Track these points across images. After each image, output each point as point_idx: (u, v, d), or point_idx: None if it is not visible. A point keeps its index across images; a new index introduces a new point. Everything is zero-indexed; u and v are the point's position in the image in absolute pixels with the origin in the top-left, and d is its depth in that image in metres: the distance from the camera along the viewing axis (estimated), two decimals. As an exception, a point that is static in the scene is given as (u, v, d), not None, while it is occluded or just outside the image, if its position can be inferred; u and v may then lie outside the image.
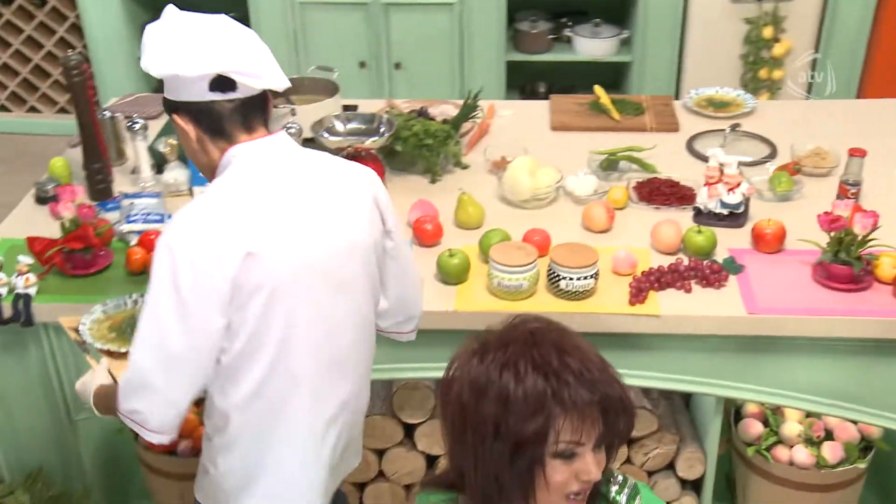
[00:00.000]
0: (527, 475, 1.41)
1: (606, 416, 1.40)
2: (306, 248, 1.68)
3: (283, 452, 1.77)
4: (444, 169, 2.78)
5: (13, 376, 2.36)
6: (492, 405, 1.38)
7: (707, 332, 2.19)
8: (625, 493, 1.58)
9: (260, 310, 1.64)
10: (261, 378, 1.70)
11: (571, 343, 1.43)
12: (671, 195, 2.58)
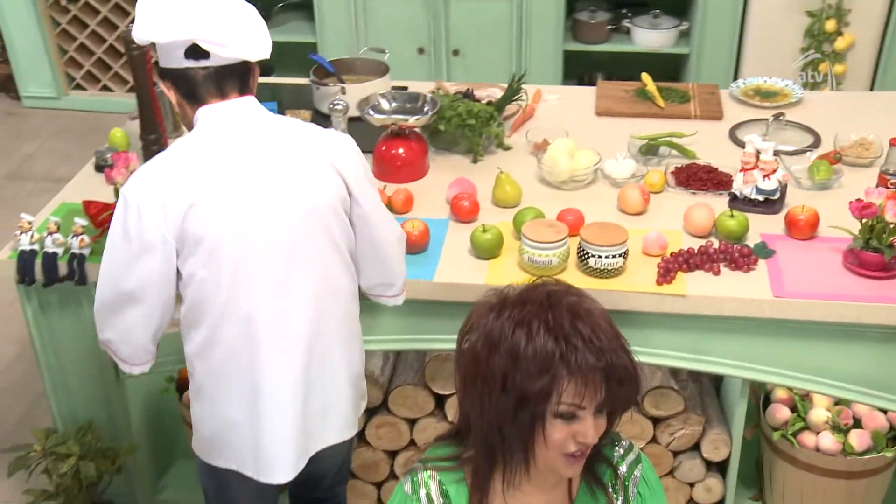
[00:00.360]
0: (528, 430, 1.46)
1: (609, 384, 1.45)
2: (249, 204, 1.79)
3: (242, 403, 1.87)
4: (487, 150, 2.83)
5: (67, 333, 2.49)
6: (502, 359, 1.44)
7: (732, 313, 2.22)
8: (627, 459, 1.63)
9: (205, 260, 1.78)
10: (213, 325, 1.83)
11: (585, 309, 1.48)
12: (708, 181, 2.60)
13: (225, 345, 1.85)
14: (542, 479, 1.56)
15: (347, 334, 1.98)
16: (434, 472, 1.59)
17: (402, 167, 2.68)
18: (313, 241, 1.87)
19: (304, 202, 1.84)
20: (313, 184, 1.86)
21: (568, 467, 1.50)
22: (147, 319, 1.86)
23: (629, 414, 2.50)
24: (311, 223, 1.85)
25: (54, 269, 2.36)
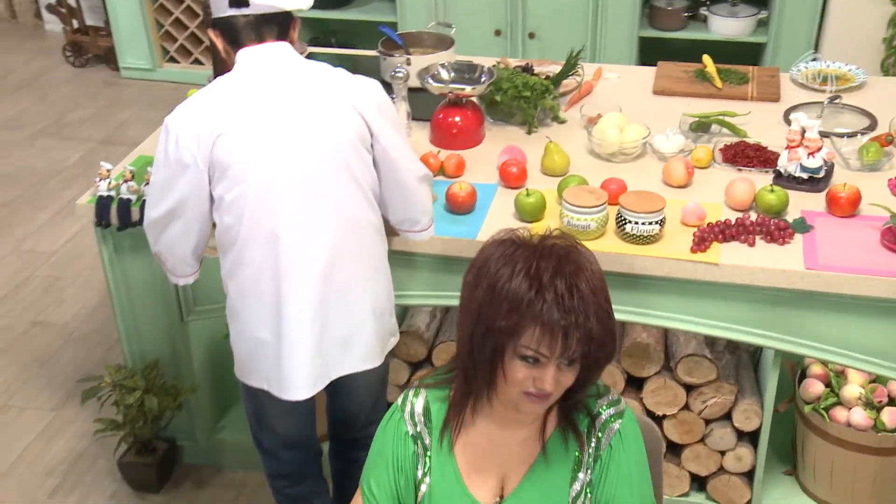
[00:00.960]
0: (491, 362, 1.56)
1: (566, 340, 1.51)
2: (272, 136, 1.97)
3: (268, 323, 2.03)
4: (542, 122, 2.93)
5: (138, 275, 2.69)
6: (482, 291, 1.55)
7: (763, 283, 2.26)
8: (608, 412, 1.69)
9: (231, 185, 1.97)
10: (240, 247, 2.01)
11: (574, 267, 1.54)
12: (755, 158, 2.64)
13: (251, 265, 2.01)
14: (509, 414, 1.65)
15: (371, 269, 2.11)
16: (424, 389, 1.72)
17: (458, 134, 2.80)
18: (332, 175, 2.02)
19: (323, 138, 2.00)
20: (333, 121, 2.02)
21: (527, 405, 1.58)
22: (186, 235, 2.08)
23: (662, 380, 2.57)
24: (329, 158, 2.01)
25: (128, 214, 2.55)
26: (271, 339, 2.04)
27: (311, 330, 2.03)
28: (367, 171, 2.07)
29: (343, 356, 2.10)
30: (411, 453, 1.72)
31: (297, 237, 2.00)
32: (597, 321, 1.52)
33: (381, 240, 2.16)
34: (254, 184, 1.97)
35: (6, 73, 5.91)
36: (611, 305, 1.57)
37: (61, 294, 3.86)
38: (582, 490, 1.68)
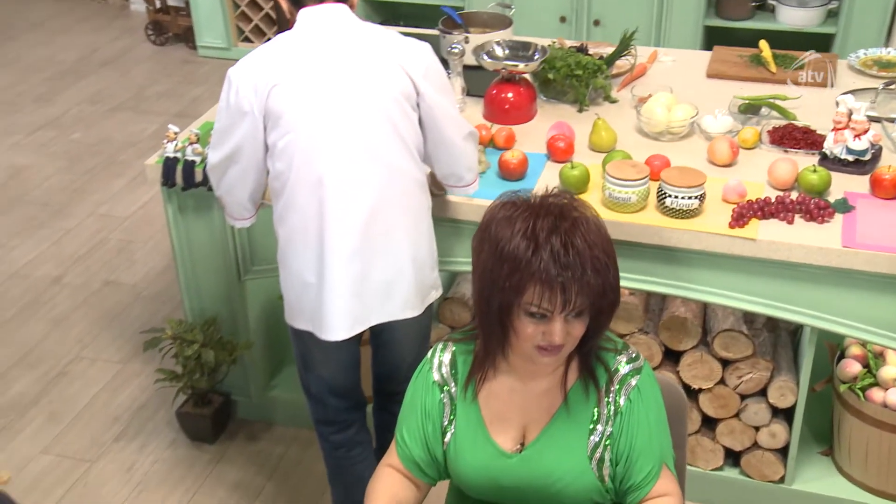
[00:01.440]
0: (501, 321, 1.65)
1: (566, 295, 1.58)
2: (322, 89, 2.10)
3: (312, 265, 2.16)
4: (594, 101, 2.99)
5: (200, 234, 2.83)
6: (487, 253, 1.64)
7: (799, 260, 2.30)
8: (627, 367, 1.75)
9: (283, 133, 2.10)
10: (290, 193, 2.14)
11: (568, 225, 1.60)
12: (802, 140, 2.67)
13: (298, 210, 2.14)
14: (528, 367, 1.73)
15: (412, 220, 2.22)
16: (451, 343, 1.82)
17: (510, 110, 2.88)
18: (377, 129, 2.13)
19: (369, 93, 2.12)
20: (380, 79, 2.13)
21: (540, 357, 1.66)
22: (243, 179, 2.23)
23: (699, 354, 2.62)
24: (374, 112, 2.12)
25: (192, 175, 2.70)
26: (315, 281, 2.17)
27: (350, 273, 2.15)
28: (411, 127, 2.18)
29: (382, 302, 2.21)
30: (438, 402, 1.81)
31: (340, 184, 2.12)
32: (594, 273, 1.59)
33: (424, 194, 2.26)
34: (303, 132, 2.10)
35: (92, 50, 6.18)
36: (611, 256, 1.64)
37: (132, 256, 4.05)
38: (601, 442, 1.75)
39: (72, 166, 4.77)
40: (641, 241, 2.42)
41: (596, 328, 1.69)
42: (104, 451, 3.07)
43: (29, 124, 5.20)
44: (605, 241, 1.65)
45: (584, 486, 1.76)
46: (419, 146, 2.22)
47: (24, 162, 4.82)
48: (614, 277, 1.65)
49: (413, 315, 2.27)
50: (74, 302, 3.78)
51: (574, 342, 1.68)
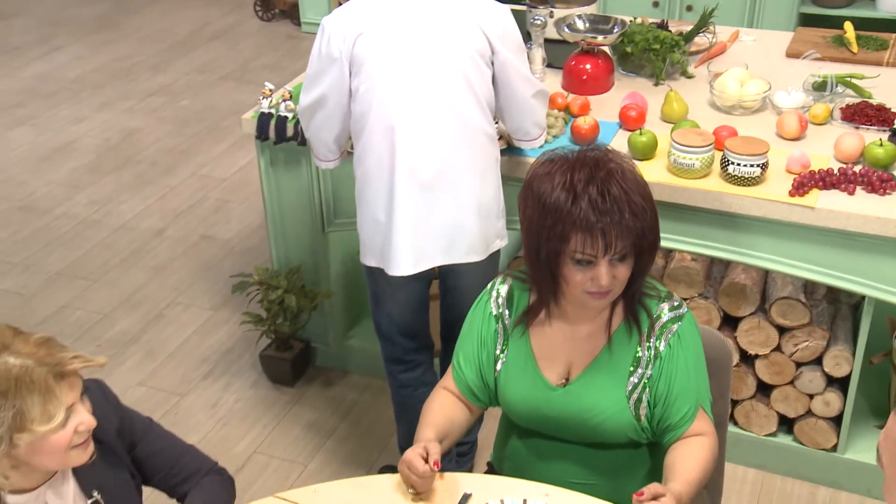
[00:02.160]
0: (551, 271, 1.78)
1: (606, 239, 1.70)
2: (403, 40, 2.26)
3: (383, 204, 2.33)
4: (671, 76, 3.07)
5: (288, 187, 3.03)
6: (531, 209, 1.77)
7: (856, 229, 2.35)
8: (669, 315, 1.86)
9: (365, 78, 2.27)
10: (367, 135, 2.31)
11: (603, 175, 1.72)
12: (874, 117, 2.70)
13: (374, 153, 2.31)
14: (579, 311, 1.86)
15: (480, 169, 2.35)
16: (510, 278, 1.95)
17: (588, 81, 2.99)
18: (450, 82, 2.27)
19: (445, 48, 2.26)
20: (458, 35, 2.27)
21: (591, 301, 1.79)
22: (329, 122, 2.40)
23: (756, 321, 2.69)
24: (449, 66, 2.26)
25: (283, 130, 2.89)
26: (384, 220, 2.34)
27: (416, 214, 2.31)
28: (483, 83, 2.31)
29: (447, 245, 2.36)
30: (493, 331, 1.95)
31: (411, 132, 2.28)
32: (632, 216, 1.70)
33: (493, 146, 2.39)
34: (381, 80, 2.27)
35: (204, 24, 6.50)
36: (648, 200, 1.75)
37: (228, 214, 4.30)
38: (640, 383, 1.86)
39: (179, 130, 5.06)
40: (703, 207, 2.51)
41: (639, 269, 1.80)
42: (193, 388, 3.31)
43: (142, 91, 5.53)
44: (641, 186, 1.76)
45: (620, 422, 1.88)
46: (490, 102, 2.35)
47: (137, 125, 5.14)
48: (652, 219, 1.76)
49: (475, 260, 2.41)
50: (174, 253, 4.05)
51: (621, 285, 1.79)
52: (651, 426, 1.89)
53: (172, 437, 1.82)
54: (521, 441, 2.01)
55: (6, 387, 1.45)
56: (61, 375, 1.50)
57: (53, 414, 1.47)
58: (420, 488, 1.79)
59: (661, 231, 2.59)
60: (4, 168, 4.73)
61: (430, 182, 2.31)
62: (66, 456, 1.54)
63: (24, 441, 1.47)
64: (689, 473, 1.80)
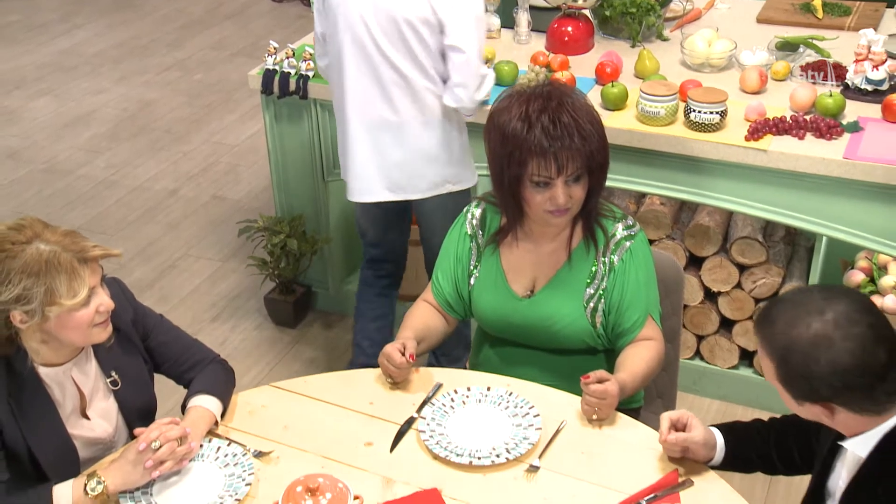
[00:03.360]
0: (514, 195, 2.02)
1: (558, 161, 1.93)
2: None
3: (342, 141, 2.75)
4: (647, 39, 3.30)
5: (291, 139, 3.27)
6: (493, 140, 2.01)
7: (804, 170, 2.58)
8: (623, 233, 2.09)
9: (329, 24, 2.63)
10: (334, 77, 2.70)
11: (554, 104, 1.96)
12: (829, 74, 2.92)
13: (335, 92, 2.71)
14: (542, 230, 2.09)
15: (422, 122, 2.67)
16: (483, 202, 2.19)
17: (569, 42, 3.22)
18: (390, 43, 2.58)
19: (388, 11, 2.54)
20: (406, 3, 2.53)
21: (552, 219, 2.02)
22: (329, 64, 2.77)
23: (719, 259, 2.92)
24: (388, 29, 2.56)
25: (287, 84, 3.14)
26: (342, 151, 2.79)
27: (363, 152, 2.70)
28: (423, 48, 2.58)
29: (390, 184, 2.73)
30: (468, 249, 2.19)
31: (357, 80, 2.63)
32: (581, 140, 1.94)
33: (436, 101, 2.66)
34: (337, 29, 2.61)
35: (218, 5, 6.76)
36: (597, 125, 1.98)
37: (238, 177, 4.56)
38: (596, 294, 2.10)
39: (192, 101, 5.33)
40: (668, 151, 2.74)
41: (592, 189, 2.04)
42: (202, 328, 3.56)
43: (159, 65, 5.80)
44: (590, 114, 1.99)
45: (578, 329, 2.12)
46: (436, 65, 2.61)
47: (153, 96, 5.40)
48: (600, 142, 1.99)
49: (417, 198, 2.75)
50: (186, 211, 4.31)
51: (577, 204, 2.03)
52: (606, 333, 2.13)
53: (180, 331, 2.07)
54: (493, 349, 2.26)
55: (38, 268, 1.70)
56: (84, 260, 1.74)
57: (78, 291, 1.72)
58: (397, 378, 2.04)
59: (630, 175, 2.86)
60: (29, 134, 5.00)
61: (376, 126, 2.66)
62: (88, 332, 1.79)
63: (54, 314, 1.72)
64: (634, 367, 2.04)
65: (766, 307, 1.59)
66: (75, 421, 1.88)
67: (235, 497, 1.76)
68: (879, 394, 1.50)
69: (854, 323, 1.47)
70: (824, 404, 1.51)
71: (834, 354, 1.46)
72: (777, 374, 1.54)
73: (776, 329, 1.52)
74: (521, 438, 1.88)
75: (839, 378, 1.47)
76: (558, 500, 1.76)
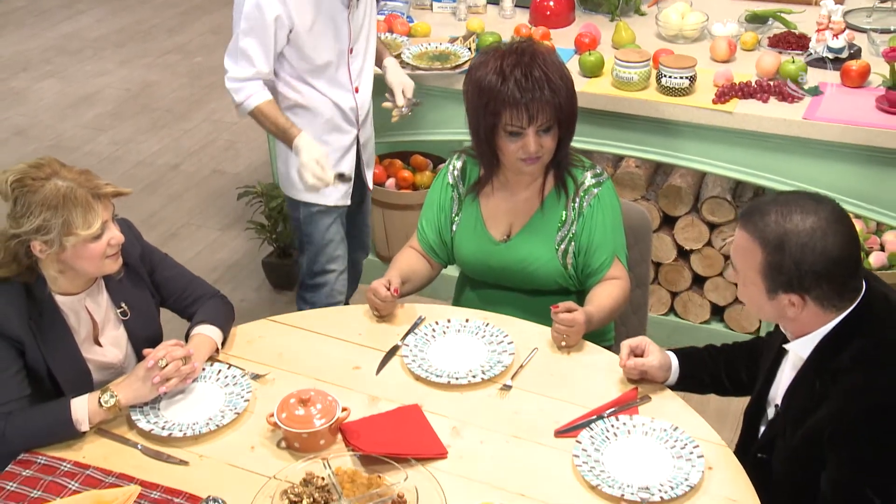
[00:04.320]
0: (489, 144, 2.19)
1: (529, 111, 2.11)
2: None
3: None
4: (626, 14, 3.48)
5: (288, 108, 3.45)
6: (471, 93, 2.18)
7: (766, 130, 2.76)
8: (591, 181, 2.27)
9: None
10: None
11: (527, 59, 2.13)
12: (794, 43, 3.10)
13: None
14: (517, 179, 2.26)
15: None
16: (465, 156, 2.37)
17: (551, 16, 3.40)
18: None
19: None
20: None
21: (525, 167, 2.20)
22: None
23: (690, 219, 3.10)
24: None
25: (283, 56, 3.31)
26: None
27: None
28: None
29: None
30: (450, 198, 2.37)
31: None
32: (551, 93, 2.11)
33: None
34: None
35: None
36: (566, 80, 2.15)
37: (237, 153, 4.74)
38: (566, 237, 2.28)
39: (192, 83, 5.51)
40: (642, 115, 2.92)
41: (562, 138, 2.22)
42: (203, 291, 3.74)
43: (160, 49, 5.98)
44: (560, 69, 2.17)
45: (550, 270, 2.30)
46: None
47: (154, 78, 5.58)
48: (568, 95, 2.16)
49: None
50: (187, 184, 4.49)
51: (548, 153, 2.21)
52: (576, 273, 2.31)
53: (183, 268, 2.25)
54: (473, 291, 2.44)
55: (56, 202, 1.88)
56: (98, 196, 1.92)
57: (92, 223, 1.90)
58: (383, 311, 2.22)
59: (606, 139, 3.04)
60: (35, 114, 5.18)
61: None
62: (101, 263, 1.97)
63: (70, 244, 1.89)
64: (601, 301, 2.22)
65: (752, 205, 1.72)
66: (89, 347, 2.06)
67: (235, 411, 1.94)
68: (847, 290, 1.68)
69: (841, 221, 1.64)
70: (801, 294, 1.66)
71: (827, 244, 1.62)
72: (765, 263, 1.66)
73: (769, 220, 1.65)
74: (495, 362, 2.06)
75: (826, 266, 1.62)
76: (527, 414, 1.94)
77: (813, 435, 1.68)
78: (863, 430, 1.62)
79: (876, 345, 1.68)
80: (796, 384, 1.76)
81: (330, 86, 2.76)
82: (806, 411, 1.71)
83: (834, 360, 1.69)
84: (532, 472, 1.81)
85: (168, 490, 1.79)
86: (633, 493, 1.72)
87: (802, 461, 1.72)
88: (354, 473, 1.77)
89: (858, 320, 1.69)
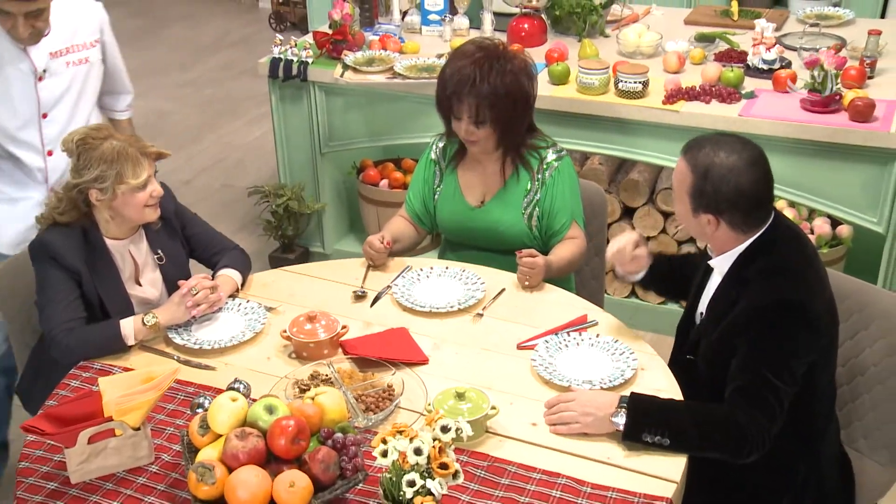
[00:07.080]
0: (448, 120, 2.64)
1: (471, 107, 2.53)
2: None
3: None
4: (591, 35, 3.95)
5: (293, 116, 3.90)
6: (439, 86, 2.61)
7: (708, 126, 3.20)
8: (552, 156, 2.69)
9: None
10: None
11: (489, 60, 2.54)
12: (735, 58, 3.58)
13: None
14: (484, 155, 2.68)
15: None
16: (445, 137, 2.80)
17: (526, 37, 3.87)
18: None
19: None
20: None
21: (469, 146, 2.65)
22: None
23: (647, 209, 3.54)
24: None
25: (289, 70, 3.78)
26: None
27: None
28: None
29: None
30: (433, 172, 2.81)
31: None
32: (489, 92, 2.52)
33: None
34: None
35: (226, 33, 7.46)
36: (514, 86, 2.55)
37: (245, 169, 5.19)
38: (531, 203, 2.71)
39: (203, 111, 5.98)
40: (602, 115, 3.37)
41: (505, 133, 2.61)
42: (215, 284, 4.15)
43: (173, 83, 6.46)
44: (515, 76, 2.57)
45: (518, 231, 2.72)
46: None
47: (168, 108, 6.05)
48: (507, 99, 2.54)
49: None
50: (199, 196, 4.93)
51: (484, 140, 2.62)
52: (540, 234, 2.73)
53: (209, 226, 2.68)
54: (454, 253, 2.86)
55: (112, 157, 2.31)
56: (144, 154, 2.36)
57: (140, 174, 2.33)
58: (376, 261, 2.64)
59: (571, 138, 3.49)
60: (57, 137, 5.64)
61: None
62: (143, 211, 2.39)
63: (121, 192, 2.32)
64: (560, 252, 2.65)
65: (694, 140, 2.13)
66: (131, 285, 2.47)
67: (253, 331, 2.36)
68: (751, 218, 2.09)
69: (757, 165, 2.06)
70: (716, 216, 2.07)
71: (741, 180, 2.03)
72: (692, 186, 2.07)
73: (703, 152, 2.06)
74: (469, 297, 2.48)
75: (736, 197, 2.03)
76: (496, 334, 2.36)
77: (727, 332, 2.09)
78: (761, 321, 2.03)
79: (777, 260, 2.10)
80: (718, 295, 2.18)
81: (15, 146, 2.79)
82: (724, 315, 2.12)
83: (745, 271, 2.11)
84: (497, 373, 2.22)
85: (199, 387, 2.20)
86: (579, 384, 2.13)
87: (719, 358, 2.13)
88: (352, 372, 2.18)
89: (765, 243, 2.11)
